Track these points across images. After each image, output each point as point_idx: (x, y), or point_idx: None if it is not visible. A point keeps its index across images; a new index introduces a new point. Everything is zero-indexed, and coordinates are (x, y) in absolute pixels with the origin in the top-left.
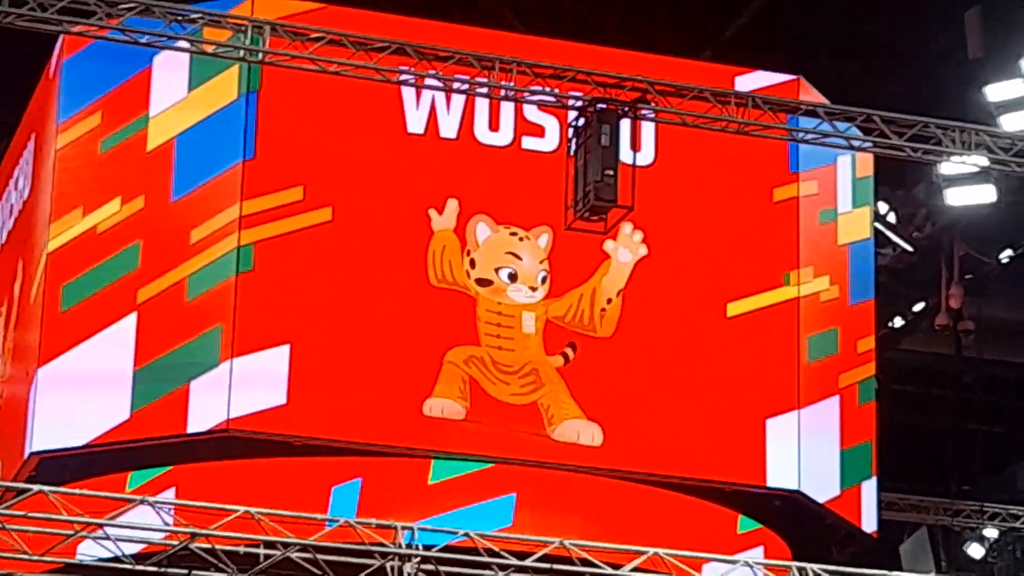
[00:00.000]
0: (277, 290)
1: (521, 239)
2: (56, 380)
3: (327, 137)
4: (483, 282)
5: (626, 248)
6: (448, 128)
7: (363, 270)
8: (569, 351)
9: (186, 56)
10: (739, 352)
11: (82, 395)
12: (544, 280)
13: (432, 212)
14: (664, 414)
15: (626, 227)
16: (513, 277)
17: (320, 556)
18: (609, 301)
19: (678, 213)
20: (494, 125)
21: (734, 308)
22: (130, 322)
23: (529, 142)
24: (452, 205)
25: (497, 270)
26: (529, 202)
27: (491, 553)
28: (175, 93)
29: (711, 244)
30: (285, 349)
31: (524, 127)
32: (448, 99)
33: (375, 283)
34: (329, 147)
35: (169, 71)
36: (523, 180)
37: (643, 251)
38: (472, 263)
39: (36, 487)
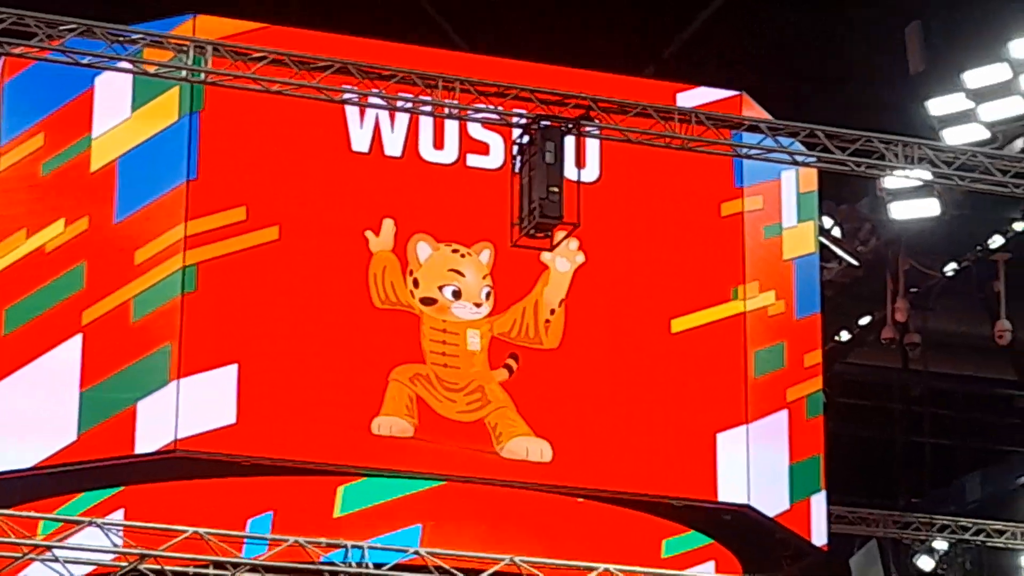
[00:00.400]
0: (222, 310)
1: (463, 255)
2: (1, 402)
3: (271, 157)
4: (427, 301)
5: (563, 257)
6: (393, 146)
7: (308, 290)
8: (512, 362)
9: (128, 77)
10: (686, 366)
11: (28, 417)
12: (488, 296)
13: (369, 234)
14: (613, 429)
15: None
16: (457, 294)
17: (269, 575)
18: (552, 312)
19: (623, 229)
20: (439, 143)
21: (680, 324)
22: (76, 343)
23: (474, 159)
24: (388, 225)
25: (441, 288)
26: (471, 219)
27: (441, 571)
28: (117, 114)
29: (657, 259)
30: (233, 369)
31: (469, 145)
32: (392, 117)
33: (320, 302)
34: (273, 167)
35: (111, 92)
36: (466, 197)
37: (580, 259)
38: (415, 283)
39: None
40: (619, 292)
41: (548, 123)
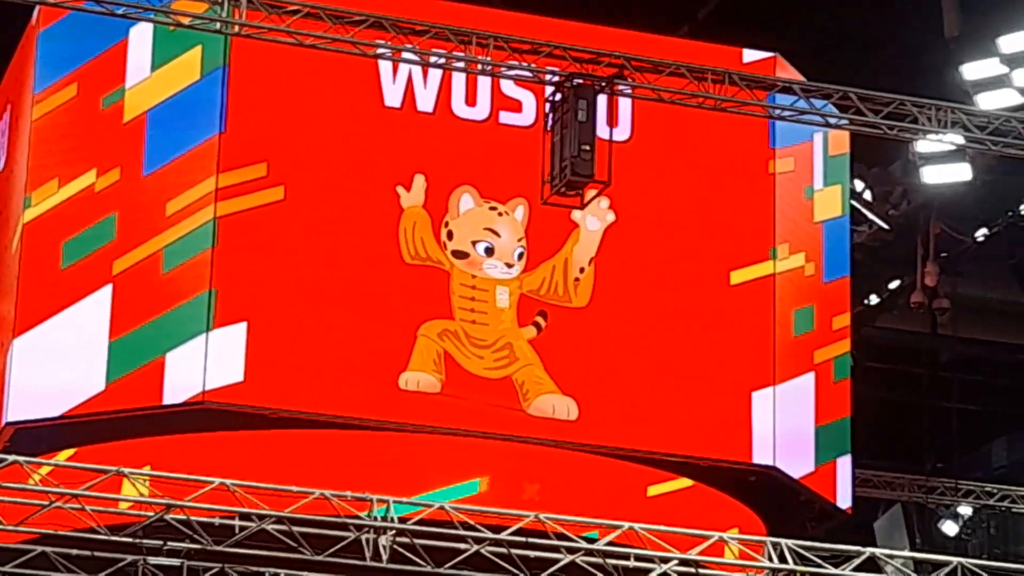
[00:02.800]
0: (250, 264)
1: (501, 214)
2: (32, 350)
3: (299, 113)
4: (459, 254)
5: (594, 216)
6: (425, 102)
7: (337, 245)
8: (540, 319)
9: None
10: (718, 326)
11: (58, 366)
12: (520, 256)
13: (400, 189)
14: (640, 387)
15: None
16: (490, 252)
17: (295, 528)
18: (582, 270)
19: (654, 187)
20: (471, 100)
21: (716, 281)
22: (106, 293)
23: (506, 116)
24: (419, 181)
25: (474, 243)
26: (506, 175)
27: (466, 526)
28: (145, 68)
29: (689, 218)
30: (260, 322)
31: (501, 102)
32: (425, 73)
33: (349, 258)
34: (302, 122)
35: (144, 44)
36: (500, 154)
37: (611, 217)
38: (450, 234)
39: (11, 457)
40: (650, 250)
41: (581, 81)
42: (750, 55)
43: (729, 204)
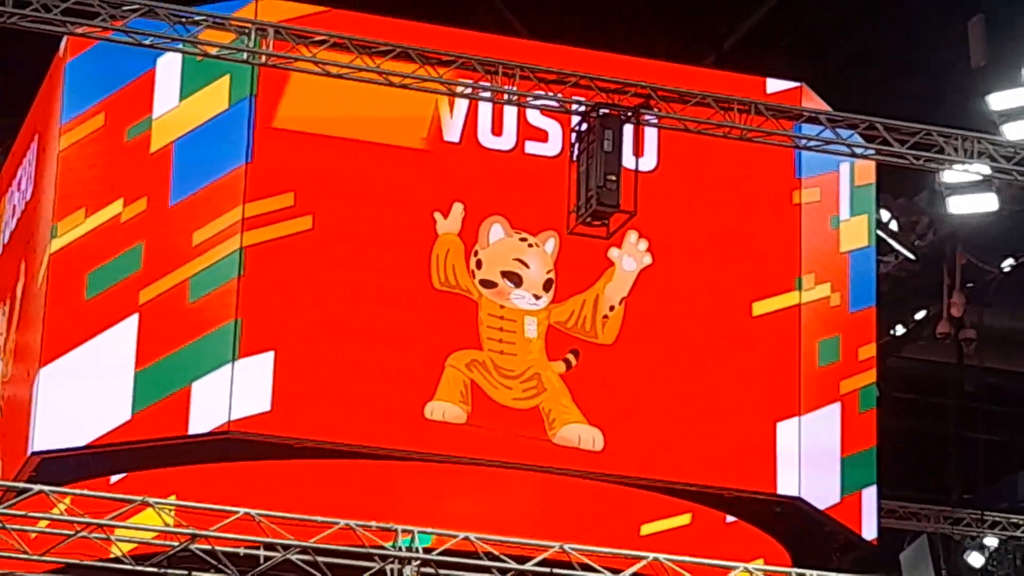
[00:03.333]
0: (275, 293)
1: (531, 245)
2: (58, 380)
3: (324, 141)
4: (487, 283)
5: (631, 257)
6: (451, 132)
7: (365, 273)
8: (571, 357)
9: (180, 62)
10: (744, 357)
11: (84, 395)
12: (549, 287)
13: (438, 215)
14: (665, 420)
15: (631, 235)
16: (518, 283)
17: (320, 558)
18: (612, 308)
19: (681, 219)
20: (497, 129)
21: (741, 313)
22: (132, 323)
23: (532, 147)
24: (458, 209)
25: (503, 274)
26: (536, 206)
27: (491, 556)
28: (173, 98)
29: (715, 249)
30: (286, 351)
31: (527, 131)
32: (451, 103)
33: (378, 284)
34: (326, 152)
35: (172, 74)
36: (529, 184)
37: (648, 260)
38: (479, 264)
39: (37, 487)
40: (680, 284)
41: (607, 111)
42: (776, 85)
43: (754, 234)
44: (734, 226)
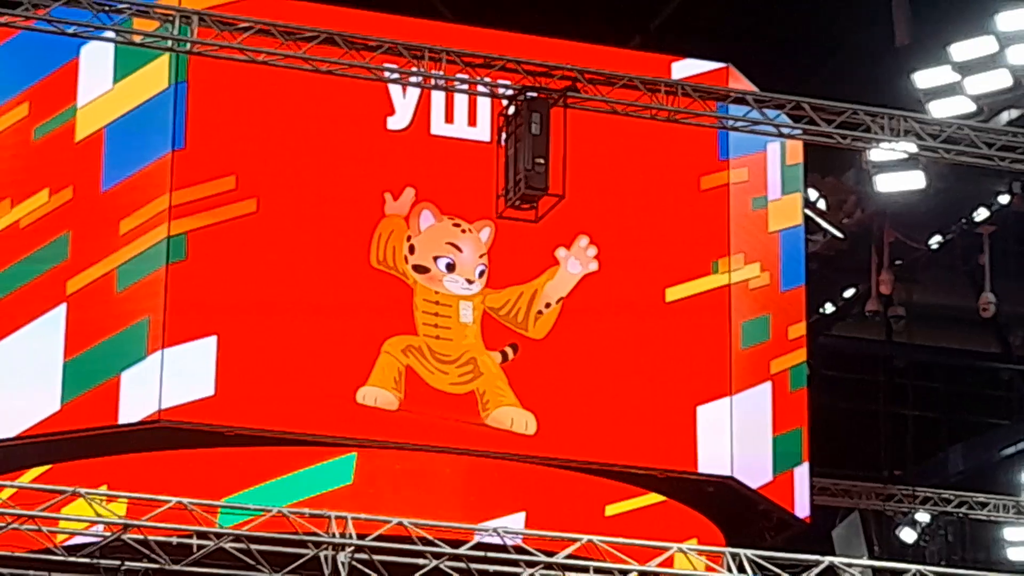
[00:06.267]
0: (210, 279)
1: (464, 231)
2: None
3: (259, 126)
4: (420, 269)
5: (578, 260)
6: (399, 120)
7: (307, 254)
8: (509, 351)
9: (111, 47)
10: (671, 341)
11: (12, 387)
12: (482, 274)
13: (388, 196)
14: (595, 405)
15: (582, 239)
16: (451, 267)
17: (253, 546)
18: (548, 305)
19: (610, 202)
20: (449, 117)
21: (669, 294)
22: (60, 313)
23: (462, 131)
24: (409, 193)
25: (435, 258)
26: (473, 194)
27: (425, 542)
28: (102, 84)
29: (643, 232)
30: (214, 339)
31: (471, 118)
32: (404, 89)
33: (318, 266)
34: (262, 135)
35: (96, 62)
36: (467, 171)
37: (593, 267)
38: (411, 249)
39: None
40: (621, 288)
41: (534, 94)
42: (702, 65)
43: (681, 216)
44: (661, 208)
